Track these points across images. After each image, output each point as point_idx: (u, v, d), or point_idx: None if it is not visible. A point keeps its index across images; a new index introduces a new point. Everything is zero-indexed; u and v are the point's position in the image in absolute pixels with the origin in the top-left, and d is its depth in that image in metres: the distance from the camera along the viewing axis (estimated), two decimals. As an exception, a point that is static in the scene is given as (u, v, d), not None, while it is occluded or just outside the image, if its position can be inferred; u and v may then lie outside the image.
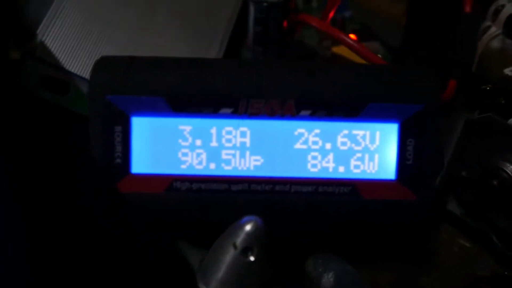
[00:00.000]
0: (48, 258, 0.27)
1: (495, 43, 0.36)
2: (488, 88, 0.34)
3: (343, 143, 0.27)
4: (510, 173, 0.33)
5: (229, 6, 0.39)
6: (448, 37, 0.41)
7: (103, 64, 0.26)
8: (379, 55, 0.39)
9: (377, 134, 0.27)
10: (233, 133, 0.27)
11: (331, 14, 0.41)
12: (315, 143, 0.27)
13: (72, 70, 0.33)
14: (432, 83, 0.27)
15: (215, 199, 0.27)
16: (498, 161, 0.33)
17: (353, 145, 0.27)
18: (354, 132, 0.27)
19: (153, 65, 0.26)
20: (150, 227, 0.28)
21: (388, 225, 0.28)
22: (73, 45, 0.34)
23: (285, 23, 0.39)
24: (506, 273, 0.34)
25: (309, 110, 0.26)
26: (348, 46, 0.36)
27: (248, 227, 0.25)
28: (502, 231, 0.34)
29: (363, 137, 0.27)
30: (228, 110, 0.26)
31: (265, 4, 0.37)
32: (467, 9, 0.42)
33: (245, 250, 0.25)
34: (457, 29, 0.41)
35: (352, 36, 0.43)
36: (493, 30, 0.36)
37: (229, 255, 0.26)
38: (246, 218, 0.25)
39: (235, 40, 0.39)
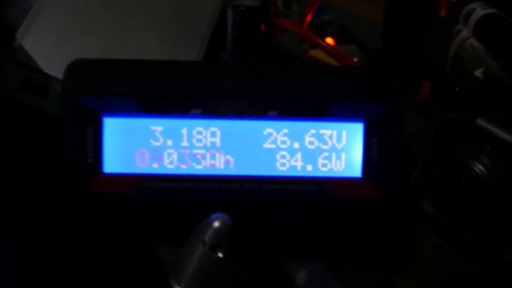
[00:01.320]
0: (24, 256, 0.27)
1: (466, 46, 0.37)
2: (457, 89, 0.35)
3: (311, 142, 0.28)
4: (478, 171, 0.33)
5: (208, 10, 0.40)
6: (422, 41, 0.42)
7: (75, 67, 0.27)
8: (356, 59, 0.40)
9: (344, 133, 0.28)
10: (203, 133, 0.27)
11: (308, 18, 0.42)
12: (283, 142, 0.28)
13: (51, 74, 0.33)
14: (397, 84, 0.27)
15: (186, 198, 0.27)
16: (467, 160, 0.33)
17: (320, 144, 0.28)
18: (322, 131, 0.27)
19: (124, 67, 0.27)
20: (122, 226, 0.29)
21: (358, 223, 0.29)
22: (52, 48, 0.34)
23: (262, 27, 0.40)
24: (477, 270, 0.34)
25: (276, 110, 0.27)
26: (323, 49, 0.37)
27: (216, 224, 0.25)
28: (473, 229, 0.35)
29: (330, 137, 0.27)
30: (198, 111, 0.27)
31: (242, 8, 0.38)
32: (442, 13, 0.43)
33: (214, 247, 0.26)
34: (430, 32, 0.42)
35: (329, 39, 0.44)
36: (464, 33, 0.37)
37: (198, 252, 0.26)
38: (214, 215, 0.26)
39: (215, 44, 0.40)
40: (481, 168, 0.33)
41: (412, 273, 0.34)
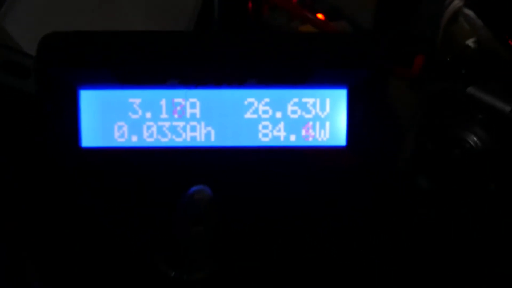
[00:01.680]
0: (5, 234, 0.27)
1: (458, 16, 0.36)
2: (448, 59, 0.34)
3: (294, 112, 0.27)
4: (472, 143, 0.32)
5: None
6: (413, 14, 0.42)
7: (50, 39, 0.26)
8: (346, 34, 0.39)
9: (327, 101, 0.27)
10: (183, 104, 0.27)
11: (298, -7, 0.41)
12: (265, 112, 0.27)
13: (33, 54, 0.33)
14: (380, 49, 0.26)
15: (166, 171, 0.27)
16: (460, 130, 0.33)
17: (303, 113, 0.27)
18: (304, 100, 0.27)
19: (100, 38, 0.26)
20: (102, 202, 0.28)
21: (343, 192, 0.28)
22: (33, 29, 0.34)
23: (249, 3, 0.39)
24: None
25: (255, 78, 0.26)
26: (314, 25, 0.36)
27: (197, 197, 0.25)
28: (468, 202, 0.34)
29: (314, 105, 0.27)
30: (176, 81, 0.26)
31: (229, -16, 0.37)
32: (434, -15, 0.42)
33: (195, 219, 0.25)
34: (420, 5, 0.41)
35: (319, 15, 0.43)
36: (456, 2, 0.36)
37: (180, 226, 0.25)
38: (194, 187, 0.25)
39: (202, 20, 0.39)
40: (474, 138, 0.32)
41: (403, 247, 0.33)
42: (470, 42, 0.36)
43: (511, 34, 0.31)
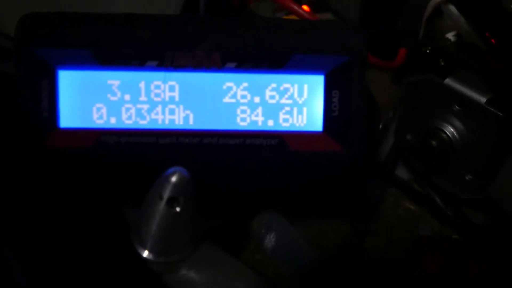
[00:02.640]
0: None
1: (440, 9, 0.37)
2: (428, 51, 0.34)
3: (272, 97, 0.27)
4: (449, 133, 0.33)
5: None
6: (398, 8, 0.42)
7: (29, 19, 0.26)
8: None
9: (305, 87, 0.27)
10: (162, 87, 0.27)
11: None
12: (243, 96, 0.27)
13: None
14: (357, 36, 0.27)
15: (144, 153, 0.27)
16: (437, 121, 0.33)
17: (281, 98, 0.27)
18: (282, 85, 0.27)
19: (79, 18, 0.26)
20: (79, 183, 0.28)
21: (320, 177, 0.28)
22: (17, 11, 0.33)
23: (235, -7, 0.39)
24: (447, 233, 0.34)
25: (234, 62, 0.26)
26: (298, 15, 0.36)
27: (173, 178, 0.25)
28: (444, 192, 0.34)
29: (292, 91, 0.27)
30: (154, 63, 0.26)
31: (215, -28, 0.38)
32: (418, -20, 0.43)
33: (171, 201, 0.25)
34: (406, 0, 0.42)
35: (304, 7, 0.43)
36: (438, -4, 0.37)
37: (156, 208, 0.26)
38: (171, 169, 0.25)
39: (187, 9, 0.39)
40: (451, 130, 0.33)
41: (385, 237, 0.34)
42: (450, 35, 0.36)
43: (491, 31, 0.31)
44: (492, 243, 0.32)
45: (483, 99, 0.31)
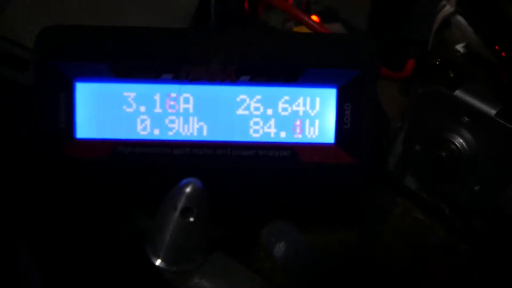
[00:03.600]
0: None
1: (449, 21, 0.37)
2: (437, 62, 0.34)
3: (284, 109, 0.28)
4: (458, 144, 0.33)
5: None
6: (406, 18, 0.42)
7: (48, 32, 0.27)
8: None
9: (317, 100, 0.27)
10: (177, 99, 0.27)
11: (293, -6, 0.41)
12: (256, 109, 0.27)
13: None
14: (370, 50, 0.27)
15: (158, 164, 0.27)
16: (447, 133, 0.33)
17: (294, 110, 0.28)
18: (295, 98, 0.27)
19: (97, 32, 0.27)
20: (95, 193, 0.29)
21: (332, 189, 0.29)
22: (34, 23, 0.34)
23: (246, 3, 0.40)
24: (456, 243, 0.34)
25: (248, 76, 0.27)
26: (308, 26, 0.36)
27: (187, 189, 0.25)
28: (453, 203, 0.35)
29: (304, 103, 0.27)
30: (170, 76, 0.27)
31: (226, -17, 0.38)
32: (428, -9, 0.43)
33: (185, 211, 0.26)
34: (414, 10, 0.42)
35: (314, 17, 0.44)
36: (448, 8, 0.37)
37: (170, 218, 0.26)
38: (185, 180, 0.26)
39: (199, 20, 0.40)
40: (460, 141, 0.33)
41: (393, 246, 0.34)
42: (459, 47, 0.37)
43: (500, 43, 0.32)
44: (500, 254, 0.33)
45: (492, 111, 0.31)
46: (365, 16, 0.49)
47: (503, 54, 0.30)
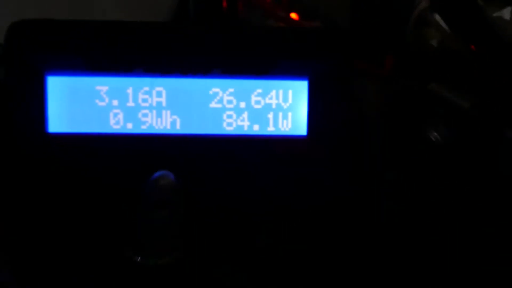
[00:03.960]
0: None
1: (424, 17, 0.38)
2: (412, 57, 0.35)
3: (257, 102, 0.28)
4: (434, 138, 0.33)
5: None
6: (387, 16, 0.43)
7: (19, 26, 0.27)
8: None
9: (290, 92, 0.28)
10: (149, 93, 0.27)
11: (272, -8, 0.42)
12: (229, 102, 0.28)
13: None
14: (342, 43, 0.27)
15: (132, 158, 0.27)
16: (423, 126, 0.34)
17: (267, 103, 0.28)
18: (268, 90, 0.27)
19: (69, 26, 0.27)
20: (69, 188, 0.28)
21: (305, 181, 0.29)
22: (7, 19, 0.34)
23: (224, 1, 0.40)
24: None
25: (220, 68, 0.27)
26: (287, 24, 0.37)
27: (160, 181, 0.25)
28: (436, 197, 0.35)
29: (276, 96, 0.28)
30: (142, 69, 0.27)
31: (204, -19, 0.38)
32: (406, -12, 0.44)
33: (158, 204, 0.26)
34: (393, 7, 0.43)
35: (293, 15, 0.44)
36: (423, 4, 0.37)
37: (145, 212, 0.26)
38: (158, 172, 0.25)
39: (178, 18, 0.40)
40: (436, 134, 0.33)
41: (373, 240, 0.34)
42: (434, 42, 0.37)
43: (473, 38, 0.32)
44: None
45: (467, 104, 0.32)
46: (345, 14, 0.49)
47: (473, 47, 0.31)
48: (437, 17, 0.36)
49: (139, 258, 0.27)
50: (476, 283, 0.30)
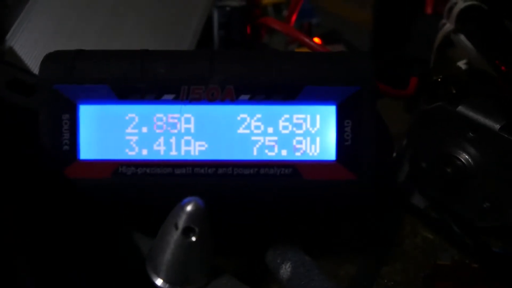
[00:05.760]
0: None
1: (450, 39, 0.37)
2: (439, 79, 0.34)
3: (285, 127, 0.28)
4: (463, 160, 0.33)
5: (197, 11, 0.41)
6: (408, 38, 0.43)
7: (52, 57, 0.28)
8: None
9: (317, 117, 0.28)
10: (178, 119, 0.28)
11: (294, 17, 0.42)
12: (257, 127, 0.28)
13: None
14: (367, 66, 0.27)
15: (160, 184, 0.27)
16: (451, 148, 0.33)
17: (294, 128, 0.28)
18: (295, 116, 0.28)
19: (99, 56, 0.28)
20: (98, 213, 0.29)
21: (335, 206, 0.28)
22: (42, 50, 0.35)
23: (248, 28, 0.41)
24: (467, 261, 0.33)
25: (248, 95, 0.27)
26: (310, 48, 0.37)
27: (188, 208, 0.25)
28: (461, 219, 0.34)
29: (304, 121, 0.28)
30: (170, 97, 0.27)
31: (228, 8, 0.39)
32: (428, 10, 0.44)
33: (187, 231, 0.26)
34: (415, 29, 0.43)
35: (316, 39, 0.44)
36: (448, 26, 0.37)
37: (172, 237, 0.26)
38: (186, 199, 0.26)
39: (202, 44, 0.41)
40: (466, 156, 0.33)
41: (401, 266, 0.33)
42: (461, 63, 0.37)
43: (501, 59, 0.32)
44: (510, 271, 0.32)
45: (496, 126, 0.31)
46: (367, 37, 0.49)
47: (503, 68, 0.30)
48: (463, 37, 0.36)
49: (164, 284, 0.27)
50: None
